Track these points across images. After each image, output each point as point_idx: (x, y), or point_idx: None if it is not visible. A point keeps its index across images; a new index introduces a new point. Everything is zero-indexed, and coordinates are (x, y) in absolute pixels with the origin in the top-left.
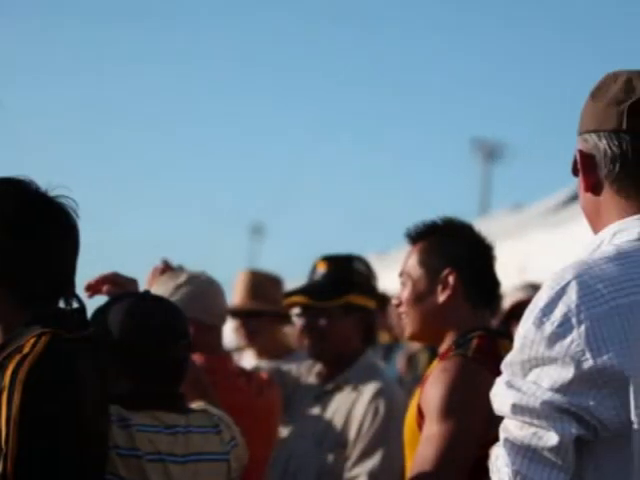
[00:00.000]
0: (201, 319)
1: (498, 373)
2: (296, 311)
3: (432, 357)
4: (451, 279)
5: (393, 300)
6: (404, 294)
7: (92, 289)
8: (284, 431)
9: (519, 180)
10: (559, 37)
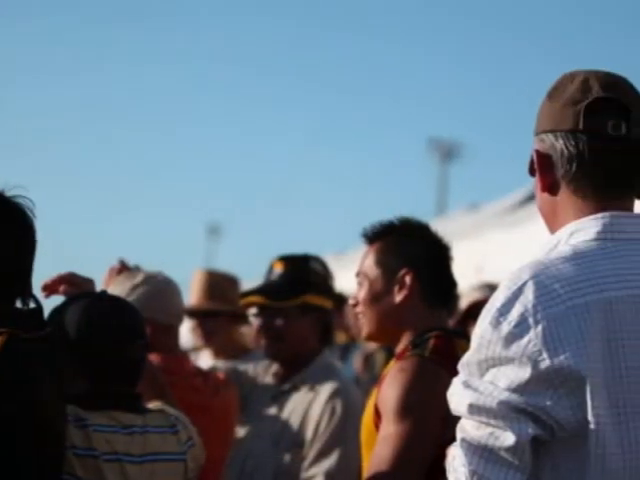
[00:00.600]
0: (158, 319)
1: (455, 373)
2: (253, 311)
3: (389, 357)
4: (408, 279)
5: (350, 300)
6: (361, 294)
7: (49, 289)
8: (241, 431)
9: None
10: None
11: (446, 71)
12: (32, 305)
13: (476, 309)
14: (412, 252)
